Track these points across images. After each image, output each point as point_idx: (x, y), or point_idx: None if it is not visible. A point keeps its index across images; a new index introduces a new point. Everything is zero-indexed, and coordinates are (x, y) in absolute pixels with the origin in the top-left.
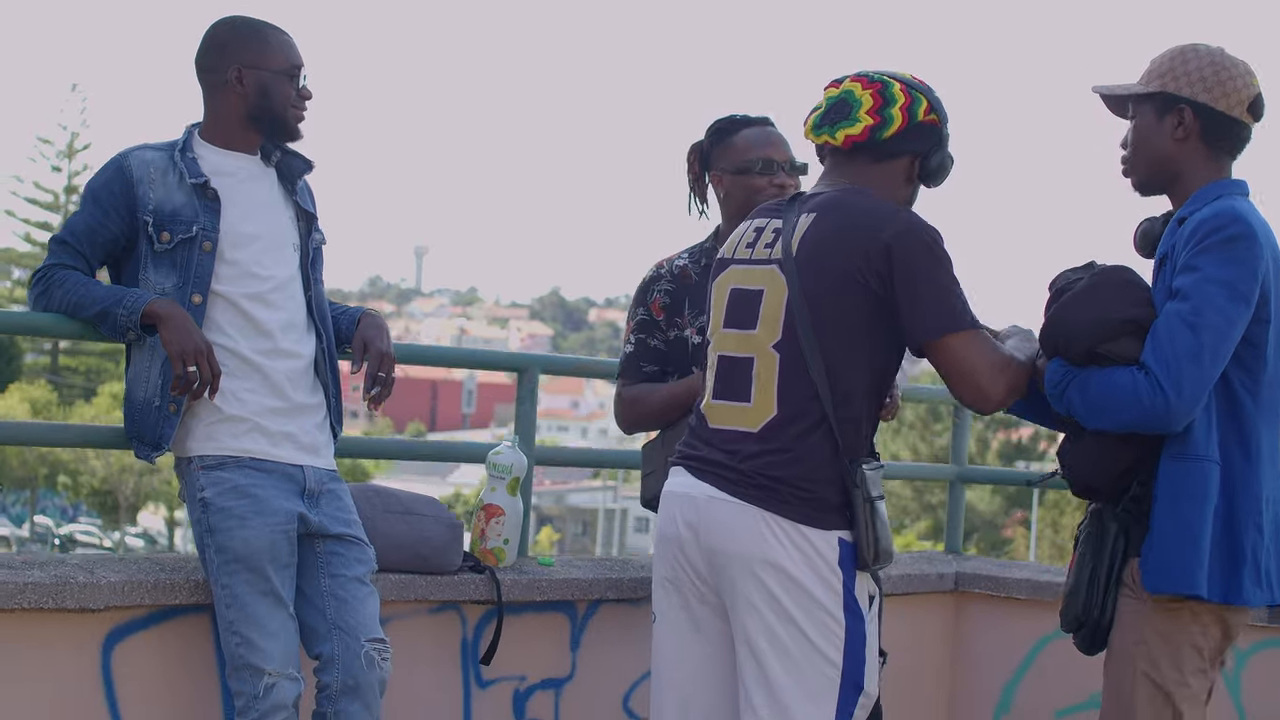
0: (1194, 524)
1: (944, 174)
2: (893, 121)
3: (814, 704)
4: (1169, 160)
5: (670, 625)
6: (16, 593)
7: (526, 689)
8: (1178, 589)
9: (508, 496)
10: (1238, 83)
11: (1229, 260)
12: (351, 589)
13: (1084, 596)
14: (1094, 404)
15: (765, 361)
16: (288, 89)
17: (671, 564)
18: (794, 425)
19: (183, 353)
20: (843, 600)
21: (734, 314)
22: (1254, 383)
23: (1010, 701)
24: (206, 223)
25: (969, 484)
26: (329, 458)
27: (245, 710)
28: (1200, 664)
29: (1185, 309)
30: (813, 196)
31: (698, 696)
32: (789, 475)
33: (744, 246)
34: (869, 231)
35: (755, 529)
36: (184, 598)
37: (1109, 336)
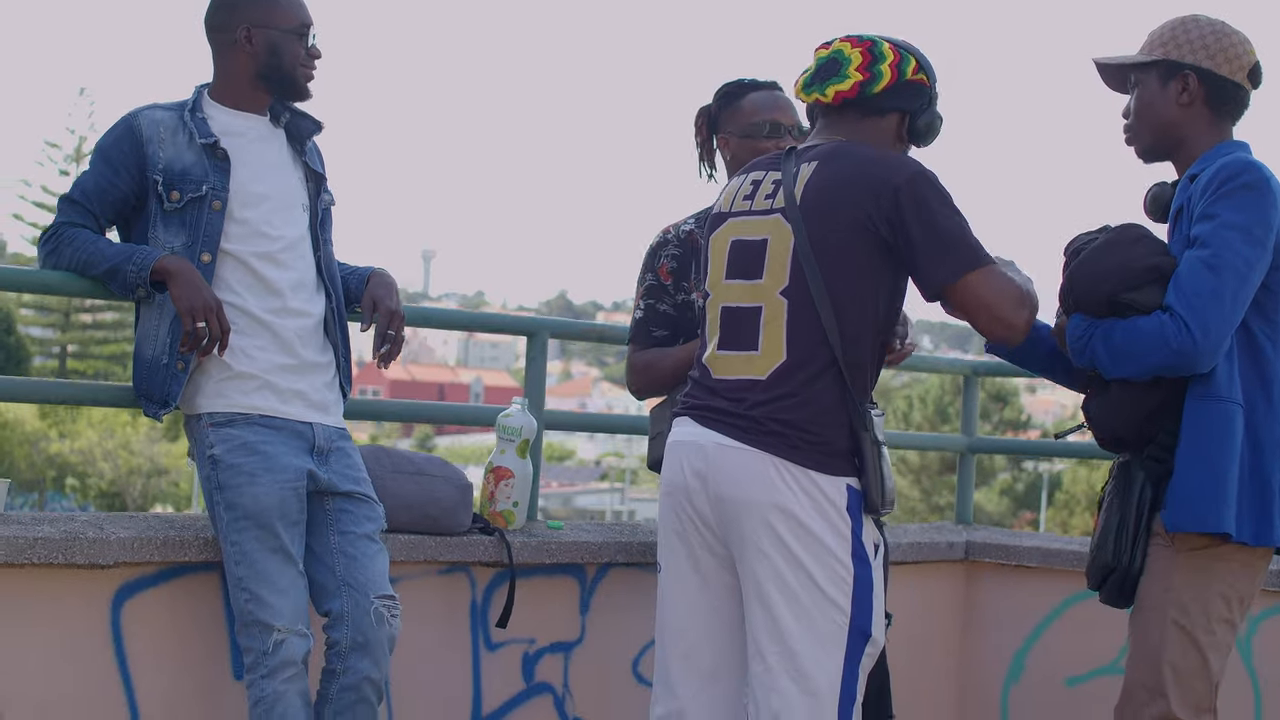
0: (1218, 462)
1: (933, 134)
2: (882, 77)
3: (823, 650)
4: (1174, 126)
5: (675, 576)
6: (26, 548)
7: (536, 652)
8: (1202, 526)
9: (517, 459)
10: (1239, 49)
11: (1244, 206)
12: (361, 546)
13: (1113, 544)
14: (1120, 351)
15: (773, 308)
16: (297, 48)
17: (678, 514)
18: (803, 370)
19: (192, 308)
20: (851, 547)
21: (737, 265)
22: (1273, 329)
23: (1021, 669)
24: (216, 182)
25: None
26: (338, 416)
27: (254, 666)
28: (1227, 614)
29: (1205, 254)
30: (810, 148)
31: (702, 647)
32: (798, 419)
33: (742, 199)
34: (877, 178)
35: (766, 475)
36: (193, 555)
37: (1132, 284)
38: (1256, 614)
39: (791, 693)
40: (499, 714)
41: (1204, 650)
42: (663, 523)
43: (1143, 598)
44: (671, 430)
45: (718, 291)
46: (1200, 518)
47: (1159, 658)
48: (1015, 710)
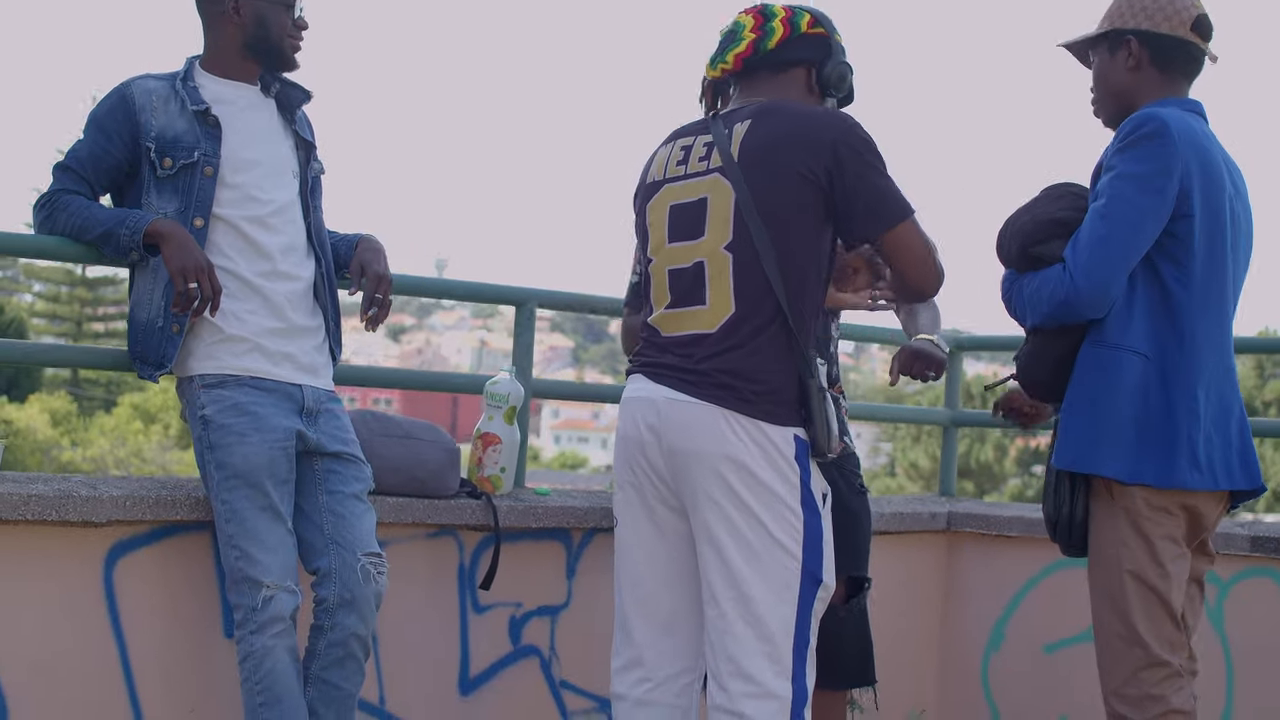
0: (1101, 407)
1: (844, 84)
2: (774, 32)
3: (775, 594)
4: (1126, 92)
5: (631, 528)
6: (20, 504)
7: (522, 615)
8: (1078, 467)
9: (505, 425)
10: (1178, 5)
11: (1141, 157)
12: (348, 505)
13: (1053, 495)
14: (1029, 301)
15: (717, 263)
16: (284, 18)
17: (632, 466)
18: (750, 322)
19: (183, 269)
20: (800, 495)
21: (678, 228)
22: (1185, 275)
23: (1001, 638)
24: (208, 148)
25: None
26: (328, 379)
27: (244, 622)
28: (1177, 550)
29: (1099, 204)
30: (737, 110)
31: (659, 595)
32: (746, 369)
33: (675, 164)
34: (813, 131)
35: (715, 427)
36: (185, 514)
37: (1038, 240)
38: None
39: (746, 636)
40: (486, 675)
41: (1161, 593)
42: (618, 477)
43: (1095, 549)
44: (626, 387)
45: (661, 256)
46: (1078, 458)
47: (1125, 608)
48: (995, 678)
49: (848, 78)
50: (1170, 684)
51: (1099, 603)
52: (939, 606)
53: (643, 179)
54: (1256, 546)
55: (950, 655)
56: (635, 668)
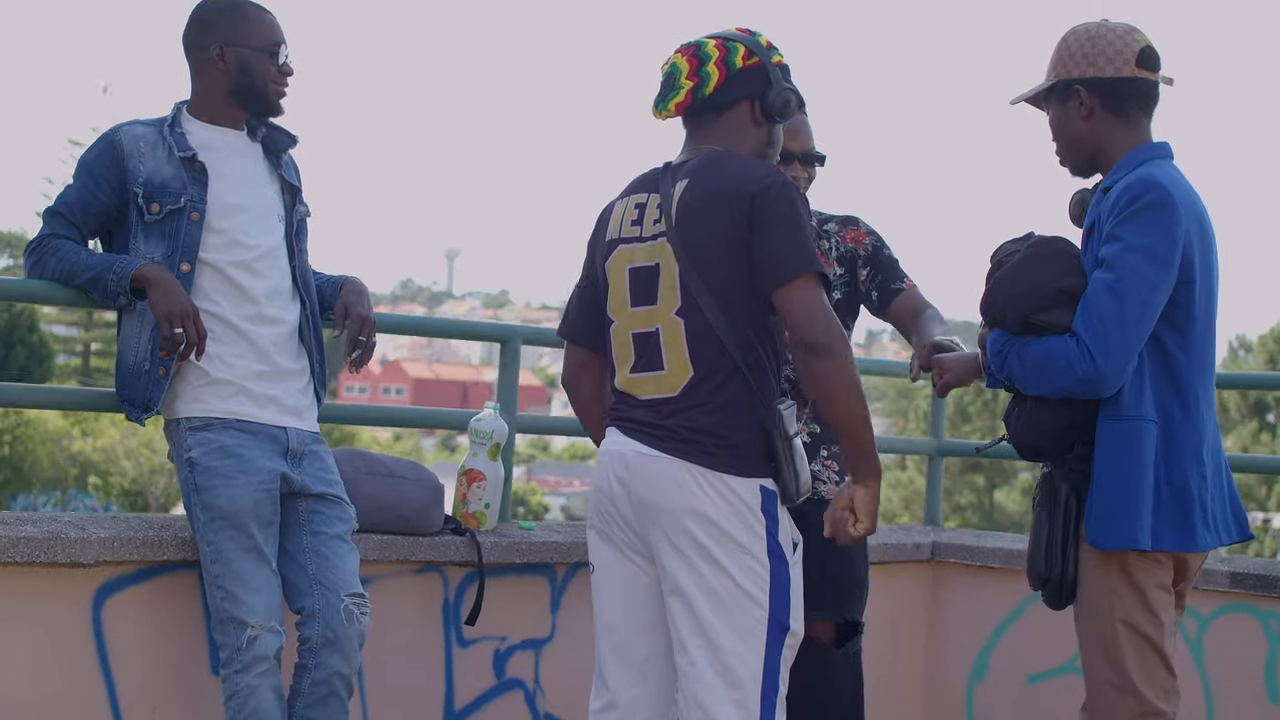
0: (1131, 480)
1: (789, 108)
2: (710, 77)
3: (744, 644)
4: (1085, 140)
5: (605, 575)
6: (10, 546)
7: (507, 649)
8: (1120, 544)
9: (489, 462)
10: (1118, 44)
11: (1148, 228)
12: (332, 546)
13: (1044, 555)
14: (1032, 372)
15: (671, 329)
16: (268, 65)
17: (605, 516)
18: (710, 381)
19: (169, 314)
20: (766, 544)
21: (636, 292)
22: (1185, 340)
23: (985, 668)
24: (194, 194)
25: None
26: (312, 420)
27: (229, 661)
28: (1167, 599)
29: (1110, 278)
30: (683, 164)
31: (633, 642)
32: (710, 425)
33: (630, 224)
34: (737, 187)
35: (681, 481)
36: (172, 554)
37: (1041, 307)
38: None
39: (716, 684)
40: (471, 709)
41: (1154, 641)
42: (591, 525)
43: (1085, 600)
44: (605, 439)
45: (623, 319)
46: (1119, 536)
47: (1118, 657)
48: (979, 707)
49: (791, 101)
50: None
51: (1090, 652)
52: (924, 636)
53: (601, 231)
54: (1236, 582)
55: (935, 684)
56: (610, 710)
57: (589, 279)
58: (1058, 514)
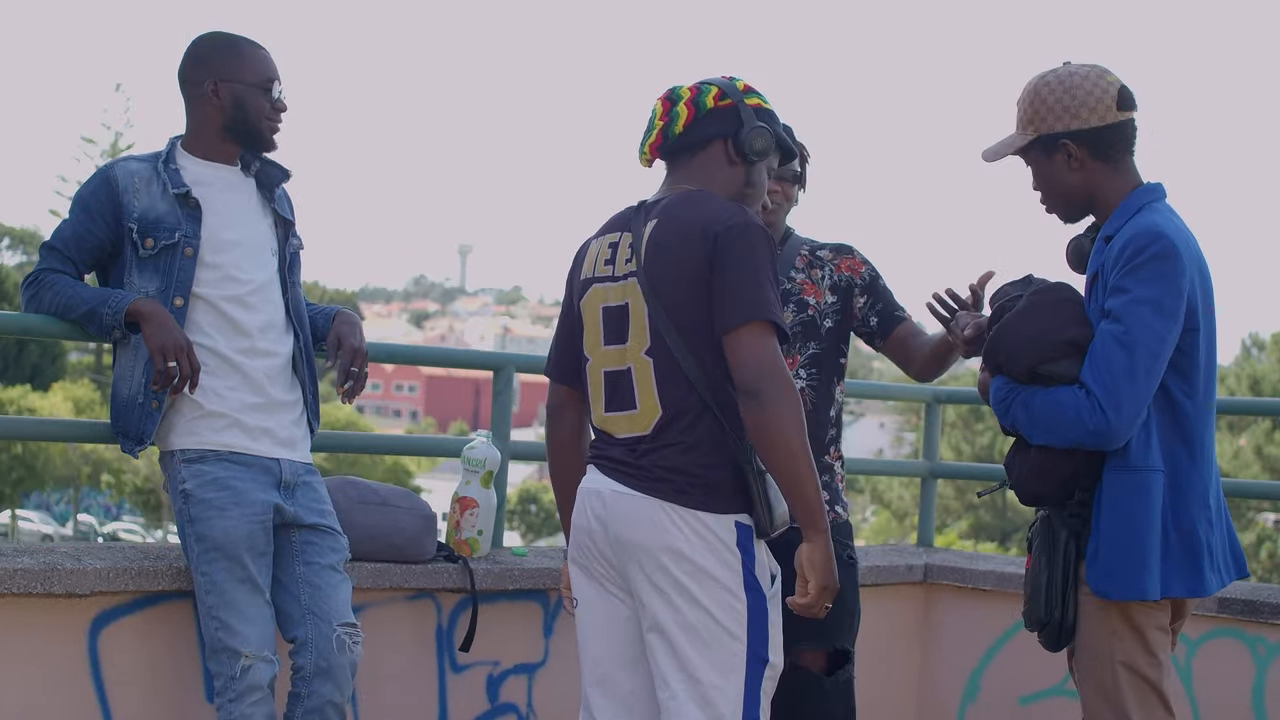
0: (1139, 531)
1: (763, 147)
2: (679, 117)
3: (723, 677)
4: (1077, 190)
5: (587, 609)
6: (6, 578)
7: (500, 674)
8: (1125, 595)
9: (481, 489)
10: (1095, 93)
11: (1154, 279)
12: (325, 576)
13: (1044, 600)
14: (1039, 422)
15: (641, 369)
16: (261, 101)
17: (585, 552)
18: (681, 420)
19: (163, 348)
20: (743, 579)
21: (609, 331)
22: (1190, 386)
23: (977, 689)
24: (188, 230)
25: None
26: (305, 452)
27: (224, 690)
28: (1166, 639)
29: (1118, 330)
30: (655, 203)
31: (616, 675)
32: (683, 464)
33: (603, 264)
34: (701, 228)
35: (656, 519)
36: (167, 584)
37: (1049, 358)
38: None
39: (697, 717)
40: None
41: (1154, 683)
42: (573, 560)
43: (1085, 643)
44: (585, 477)
45: (596, 357)
46: (1128, 588)
47: (1119, 700)
48: None
49: (766, 139)
50: None
51: (1090, 693)
52: (917, 657)
53: (576, 270)
54: (1223, 607)
55: (928, 705)
56: None
57: (567, 316)
58: (1057, 558)
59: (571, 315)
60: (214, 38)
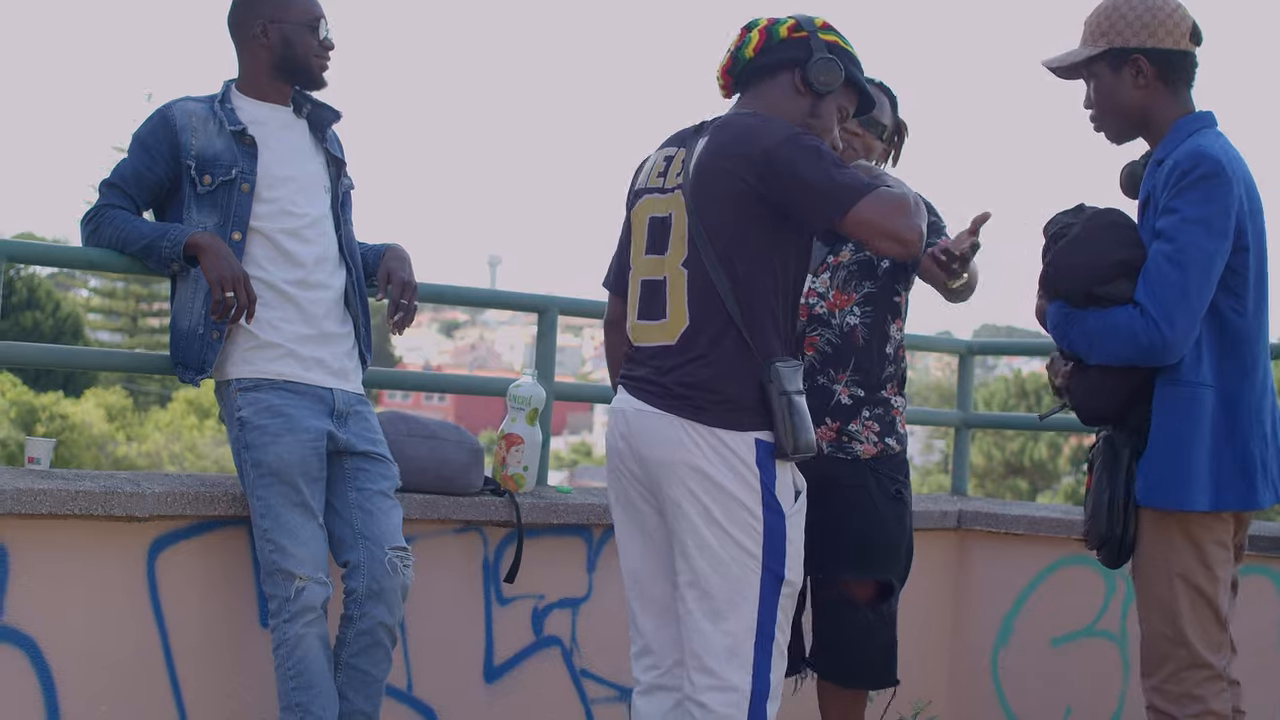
0: (1186, 443)
1: (831, 76)
2: (750, 42)
3: (737, 593)
4: (1136, 109)
5: (623, 528)
6: (69, 499)
7: (545, 607)
8: (1169, 504)
9: (527, 426)
10: (1175, 17)
11: (1203, 199)
12: (376, 502)
13: (1105, 517)
14: (1096, 342)
15: (675, 280)
16: (309, 39)
17: (617, 473)
18: (705, 333)
19: (221, 279)
20: (761, 497)
21: (652, 241)
22: (1241, 304)
23: (1010, 632)
24: (245, 166)
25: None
26: (357, 382)
27: (278, 612)
28: (1225, 555)
29: (1170, 249)
30: (712, 121)
31: (654, 588)
32: (704, 379)
33: (656, 176)
34: (748, 145)
35: (676, 436)
36: (223, 510)
37: (1103, 280)
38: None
39: (708, 631)
40: (510, 664)
41: (1209, 597)
42: (609, 482)
43: (1144, 556)
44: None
45: (638, 266)
46: (1169, 496)
47: (1173, 611)
48: (1005, 670)
49: (834, 70)
50: (1210, 685)
51: (1146, 605)
52: (951, 602)
53: (634, 182)
54: (1251, 545)
55: (961, 649)
56: (646, 655)
57: (624, 230)
58: (1119, 476)
59: (628, 228)
60: None
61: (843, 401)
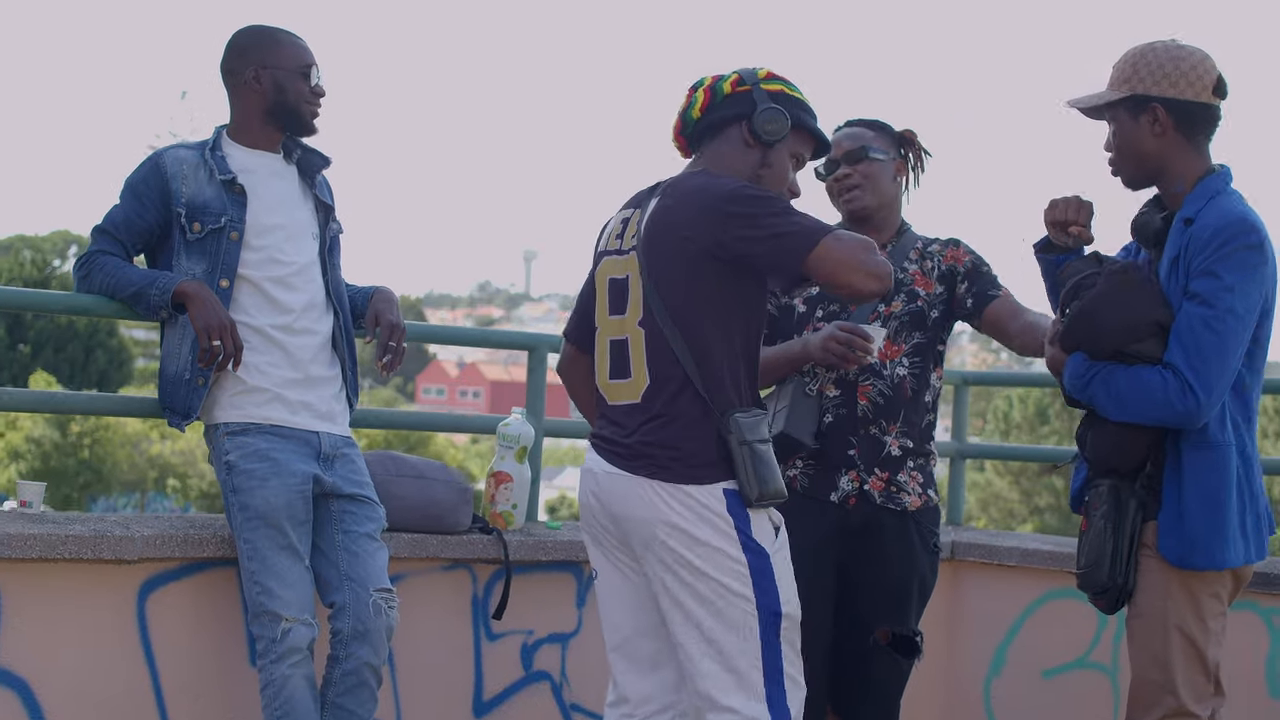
0: (1221, 505)
1: (778, 126)
2: (696, 102)
3: (737, 634)
4: (1152, 157)
5: (604, 580)
6: (59, 543)
7: (534, 642)
8: (1210, 564)
9: (516, 464)
10: (1199, 70)
11: (1243, 267)
12: (362, 544)
13: (1109, 566)
14: (1124, 403)
15: (635, 339)
16: (301, 85)
17: (591, 528)
18: (664, 390)
19: (207, 327)
20: (740, 542)
21: (613, 302)
22: (1254, 364)
23: (1002, 663)
24: (234, 215)
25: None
26: (344, 425)
27: (265, 652)
28: (1219, 608)
29: (1209, 314)
30: (665, 183)
31: (637, 640)
32: (664, 438)
33: (614, 238)
34: (697, 204)
35: (646, 497)
36: (211, 551)
37: (1137, 338)
38: None
39: (715, 671)
40: (499, 699)
41: (1202, 648)
42: (586, 537)
43: (1141, 605)
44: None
45: (603, 326)
46: (1209, 557)
47: (1165, 659)
48: (997, 701)
49: (780, 120)
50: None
51: (1139, 650)
52: (944, 631)
53: (596, 242)
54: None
55: (954, 679)
56: (622, 704)
57: (588, 284)
58: (1124, 526)
59: (591, 283)
60: (252, 29)
61: (893, 453)
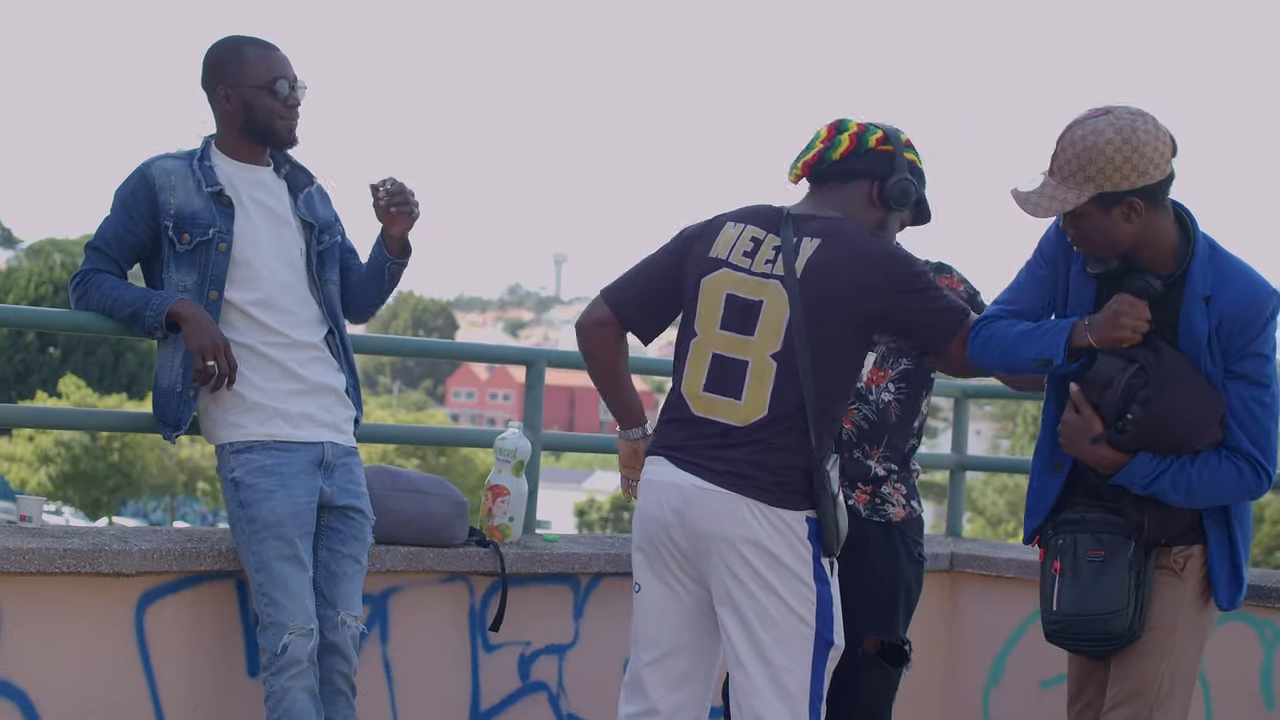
0: (1248, 549)
1: (906, 198)
2: (840, 144)
3: (794, 659)
4: (1127, 239)
5: (651, 596)
6: (57, 557)
7: (531, 654)
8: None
9: (513, 478)
10: (1159, 148)
11: (1274, 335)
12: (344, 565)
13: (1129, 621)
14: (1199, 493)
15: (761, 367)
16: (267, 101)
17: (655, 543)
18: (778, 425)
19: (201, 348)
20: (813, 569)
21: (731, 318)
22: None
23: (1000, 673)
24: (222, 226)
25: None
26: (348, 435)
27: (268, 665)
28: (1209, 633)
29: (1262, 394)
30: (809, 219)
31: (674, 657)
32: (768, 463)
33: (741, 255)
34: (871, 268)
35: (740, 514)
36: (209, 564)
37: (1210, 435)
38: None
39: (769, 694)
40: (496, 709)
41: (1191, 674)
42: (639, 549)
43: (1155, 619)
44: (647, 467)
45: (709, 337)
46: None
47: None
48: (995, 711)
49: (910, 193)
50: None
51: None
52: (943, 641)
53: (702, 245)
54: None
55: (953, 689)
56: (652, 715)
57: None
58: (1145, 584)
59: (669, 267)
60: (220, 45)
61: (877, 473)
